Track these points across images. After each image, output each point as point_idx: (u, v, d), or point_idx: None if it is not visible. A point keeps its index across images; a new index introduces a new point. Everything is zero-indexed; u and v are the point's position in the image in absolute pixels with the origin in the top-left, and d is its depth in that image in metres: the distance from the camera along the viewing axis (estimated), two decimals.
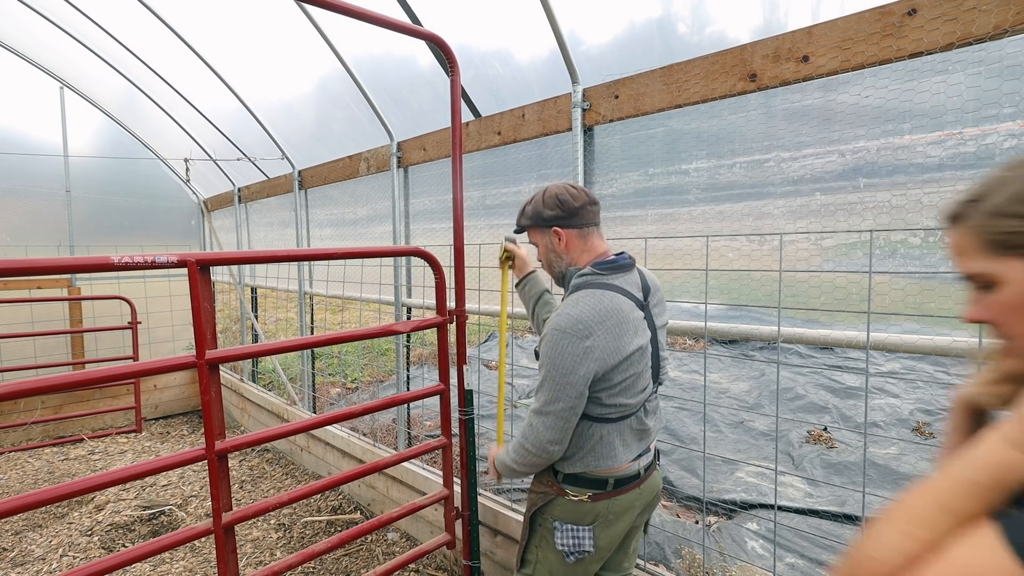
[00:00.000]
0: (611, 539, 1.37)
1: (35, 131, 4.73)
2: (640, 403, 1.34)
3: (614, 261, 1.35)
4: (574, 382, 1.22)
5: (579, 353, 1.20)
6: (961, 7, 1.27)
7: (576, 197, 1.37)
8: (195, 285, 1.49)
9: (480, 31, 2.36)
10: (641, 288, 1.37)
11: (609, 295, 1.27)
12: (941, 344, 1.35)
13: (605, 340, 1.22)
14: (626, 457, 1.34)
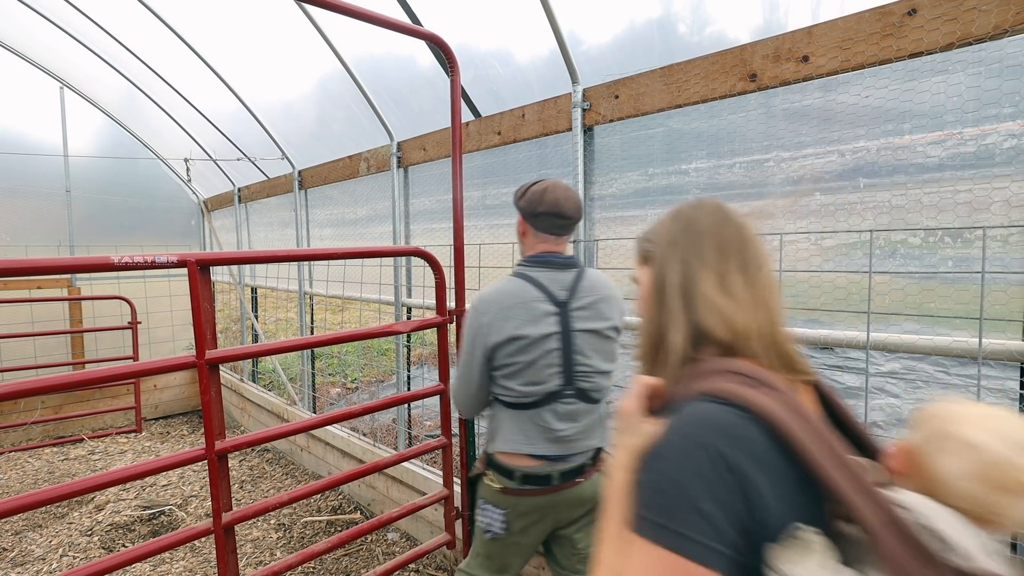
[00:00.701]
0: (528, 533, 1.46)
1: (35, 131, 4.73)
2: (539, 397, 1.38)
3: (543, 257, 1.43)
4: (471, 352, 1.40)
5: (475, 327, 1.39)
6: (961, 7, 1.27)
7: (543, 203, 1.41)
8: (195, 285, 1.49)
9: (480, 31, 2.36)
10: (567, 288, 1.40)
11: (518, 282, 1.39)
12: (941, 344, 1.35)
13: (493, 319, 1.36)
14: (528, 450, 1.40)
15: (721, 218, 0.71)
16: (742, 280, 0.67)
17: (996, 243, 1.30)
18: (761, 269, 0.68)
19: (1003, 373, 5.89)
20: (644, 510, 0.54)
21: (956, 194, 1.34)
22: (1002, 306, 1.30)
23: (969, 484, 0.55)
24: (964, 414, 0.59)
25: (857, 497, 0.52)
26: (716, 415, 0.56)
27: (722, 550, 0.50)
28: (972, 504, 0.56)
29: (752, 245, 0.70)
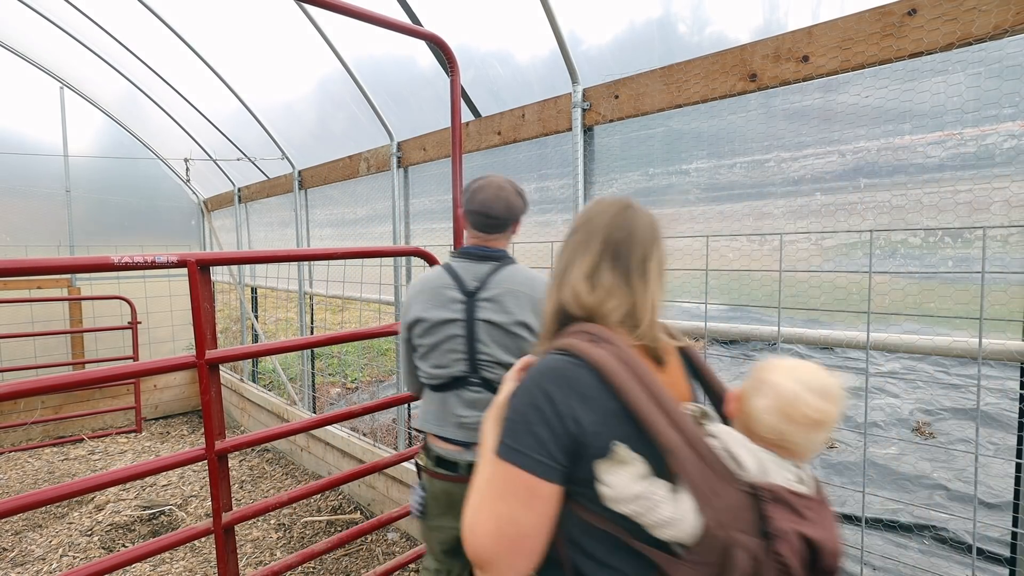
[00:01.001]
0: (442, 521, 1.49)
1: (35, 131, 4.73)
2: (446, 381, 1.46)
3: (466, 249, 1.52)
4: (401, 331, 1.56)
5: (404, 306, 1.55)
6: (961, 7, 1.27)
7: (473, 202, 1.47)
8: (195, 285, 1.49)
9: (480, 31, 2.36)
10: (480, 279, 1.44)
11: (438, 270, 1.50)
12: (941, 344, 1.35)
13: (410, 301, 1.51)
14: (438, 431, 1.48)
15: (616, 218, 0.83)
16: (612, 271, 0.79)
17: (996, 243, 1.30)
18: (643, 264, 0.80)
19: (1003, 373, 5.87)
20: (500, 436, 0.71)
21: (956, 194, 1.34)
22: (1002, 306, 1.30)
23: (770, 417, 0.69)
24: (777, 365, 0.74)
25: (661, 424, 0.66)
26: (554, 363, 0.72)
27: (550, 464, 0.68)
28: (773, 434, 0.69)
29: (639, 245, 0.80)
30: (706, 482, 0.64)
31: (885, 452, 3.83)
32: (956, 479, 3.35)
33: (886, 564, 2.56)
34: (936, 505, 3.12)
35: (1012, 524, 1.30)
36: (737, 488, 0.64)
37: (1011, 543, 1.30)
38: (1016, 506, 1.30)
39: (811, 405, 0.68)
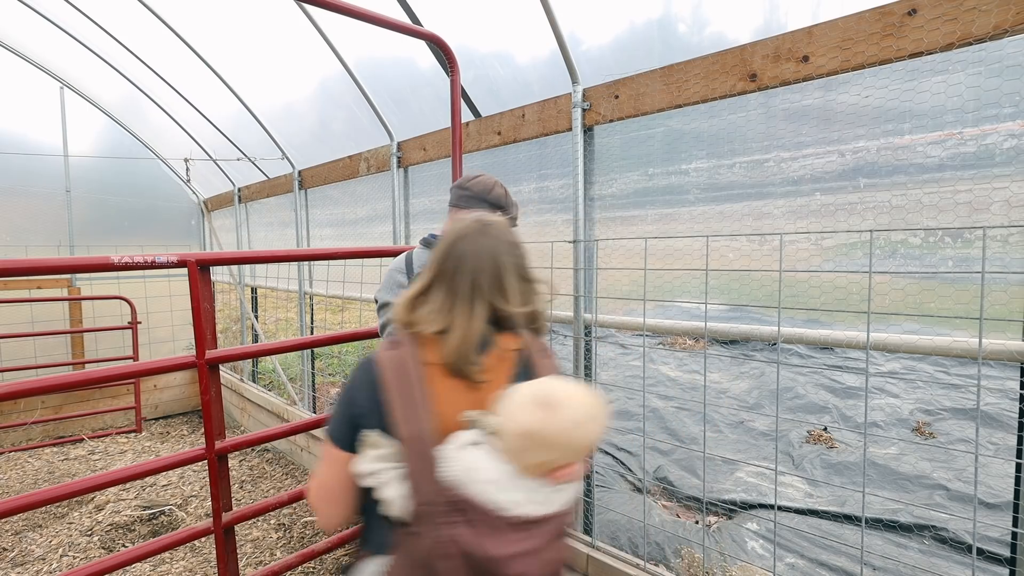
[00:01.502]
0: None
1: (36, 131, 4.73)
2: None
3: (425, 237, 1.52)
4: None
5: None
6: (961, 7, 1.27)
7: (460, 180, 1.52)
8: (195, 285, 1.49)
9: (480, 32, 2.36)
10: (422, 267, 1.45)
11: (402, 256, 1.54)
12: (941, 344, 1.35)
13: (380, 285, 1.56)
14: None
15: (452, 248, 0.90)
16: (442, 294, 0.88)
17: (996, 243, 1.30)
18: (472, 292, 0.87)
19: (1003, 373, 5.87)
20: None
21: (956, 194, 1.34)
22: (1002, 306, 1.30)
23: (502, 437, 0.76)
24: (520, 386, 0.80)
25: (401, 420, 0.79)
26: (362, 360, 0.89)
27: (340, 436, 0.86)
28: (507, 453, 0.76)
29: (467, 274, 0.87)
30: (416, 475, 0.76)
31: (885, 452, 3.83)
32: (956, 479, 3.35)
33: (886, 564, 2.56)
34: (936, 505, 3.12)
35: (1012, 524, 1.30)
36: (436, 488, 0.75)
37: (1011, 543, 1.30)
38: (1016, 506, 1.30)
39: (523, 414, 0.74)
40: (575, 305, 2.09)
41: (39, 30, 4.00)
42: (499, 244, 0.90)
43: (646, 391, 1.99)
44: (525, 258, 0.93)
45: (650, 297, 1.84)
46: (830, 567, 2.52)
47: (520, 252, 0.93)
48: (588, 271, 2.09)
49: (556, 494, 0.78)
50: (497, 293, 0.87)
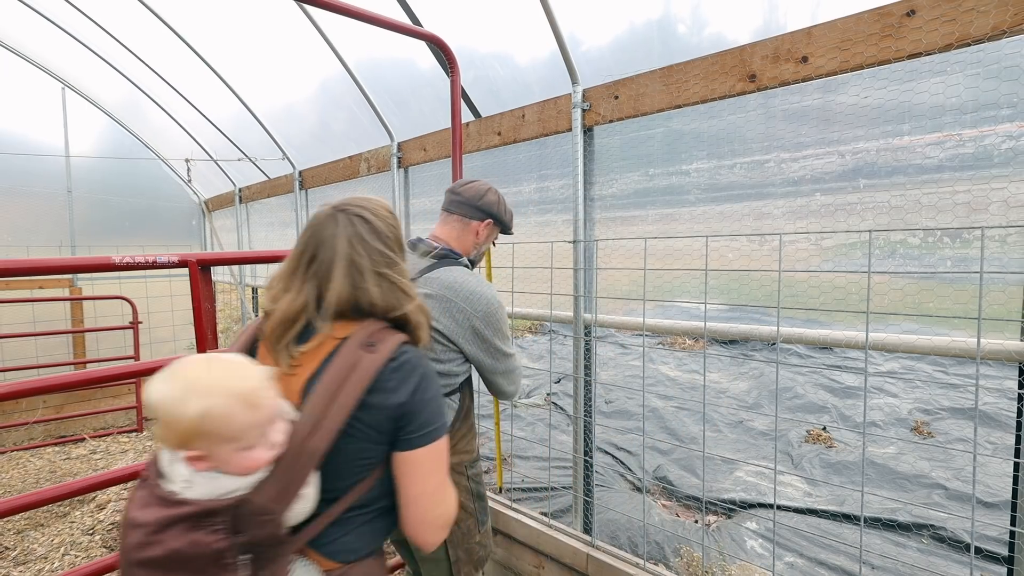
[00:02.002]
0: None
1: (37, 132, 4.73)
2: None
3: (413, 240, 1.49)
4: None
5: None
6: (959, 8, 1.27)
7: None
8: (196, 285, 1.50)
9: (480, 33, 2.37)
10: (412, 275, 1.45)
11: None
12: (940, 344, 1.36)
13: None
14: None
15: (311, 234, 0.89)
16: (286, 274, 0.89)
17: (994, 243, 1.30)
18: (305, 275, 0.87)
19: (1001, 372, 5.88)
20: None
21: (955, 195, 1.34)
22: (1000, 306, 1.31)
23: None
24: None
25: None
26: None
27: None
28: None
29: (313, 260, 0.87)
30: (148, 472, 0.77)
31: (884, 451, 3.83)
32: (954, 478, 3.35)
33: (885, 563, 2.57)
34: (934, 504, 3.12)
35: (1010, 523, 1.31)
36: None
37: (1009, 542, 1.31)
38: (1014, 505, 1.30)
39: (150, 387, 0.71)
40: (575, 305, 2.10)
41: (40, 31, 4.00)
42: (342, 232, 0.87)
43: (646, 391, 2.00)
44: (375, 250, 0.88)
45: (650, 297, 1.84)
46: (829, 566, 2.53)
47: (367, 244, 0.88)
48: (588, 271, 2.09)
49: (209, 481, 0.71)
50: (326, 279, 0.85)
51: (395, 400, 0.82)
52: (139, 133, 5.22)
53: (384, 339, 0.84)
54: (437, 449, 0.87)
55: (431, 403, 0.86)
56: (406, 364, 0.85)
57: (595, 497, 2.18)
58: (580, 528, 2.14)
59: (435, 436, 0.86)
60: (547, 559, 2.09)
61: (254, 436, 0.72)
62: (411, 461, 0.85)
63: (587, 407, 2.13)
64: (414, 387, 0.84)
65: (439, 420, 0.88)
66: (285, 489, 0.75)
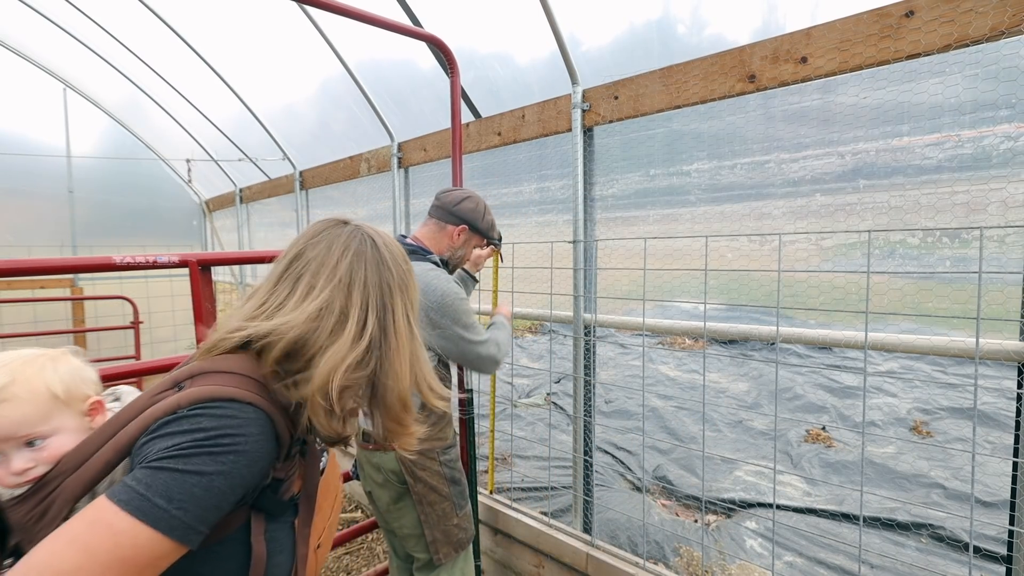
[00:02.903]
0: (363, 483, 1.59)
1: (38, 132, 4.74)
2: None
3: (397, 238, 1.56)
4: None
5: None
6: (958, 9, 1.28)
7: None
8: (196, 285, 1.50)
9: (480, 33, 2.37)
10: None
11: None
12: (939, 344, 1.36)
13: None
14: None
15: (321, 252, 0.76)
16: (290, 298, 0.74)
17: (993, 243, 1.31)
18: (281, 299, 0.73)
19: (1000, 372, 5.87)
20: None
21: (954, 195, 1.35)
22: (999, 306, 1.31)
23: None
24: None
25: None
26: None
27: None
28: None
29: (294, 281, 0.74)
30: None
31: (883, 451, 3.84)
32: (953, 478, 3.36)
33: (884, 562, 2.57)
34: (933, 504, 3.13)
35: (1009, 522, 1.31)
36: None
37: (1008, 541, 1.31)
38: (1013, 504, 1.31)
39: None
40: (575, 305, 2.10)
41: (41, 31, 4.01)
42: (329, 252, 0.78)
43: (645, 390, 2.01)
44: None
45: (650, 297, 1.85)
46: (828, 565, 2.53)
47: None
48: (588, 271, 2.10)
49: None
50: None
51: (145, 451, 0.59)
52: (140, 133, 5.22)
53: (198, 384, 0.64)
54: (103, 516, 0.54)
55: (169, 470, 0.56)
56: (182, 420, 0.60)
57: (595, 497, 2.18)
58: (580, 527, 2.14)
59: (121, 498, 0.54)
60: (547, 558, 2.10)
61: None
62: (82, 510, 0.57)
63: (587, 407, 2.14)
64: (169, 442, 0.58)
65: (148, 493, 0.55)
66: (41, 513, 0.61)
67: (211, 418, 0.60)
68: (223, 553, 0.64)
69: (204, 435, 0.59)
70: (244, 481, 0.61)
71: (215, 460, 0.58)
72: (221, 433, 0.60)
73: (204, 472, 0.57)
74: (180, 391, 0.63)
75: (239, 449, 0.60)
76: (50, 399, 0.68)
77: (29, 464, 0.66)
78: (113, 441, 0.62)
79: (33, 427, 0.67)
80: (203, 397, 0.62)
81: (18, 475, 0.65)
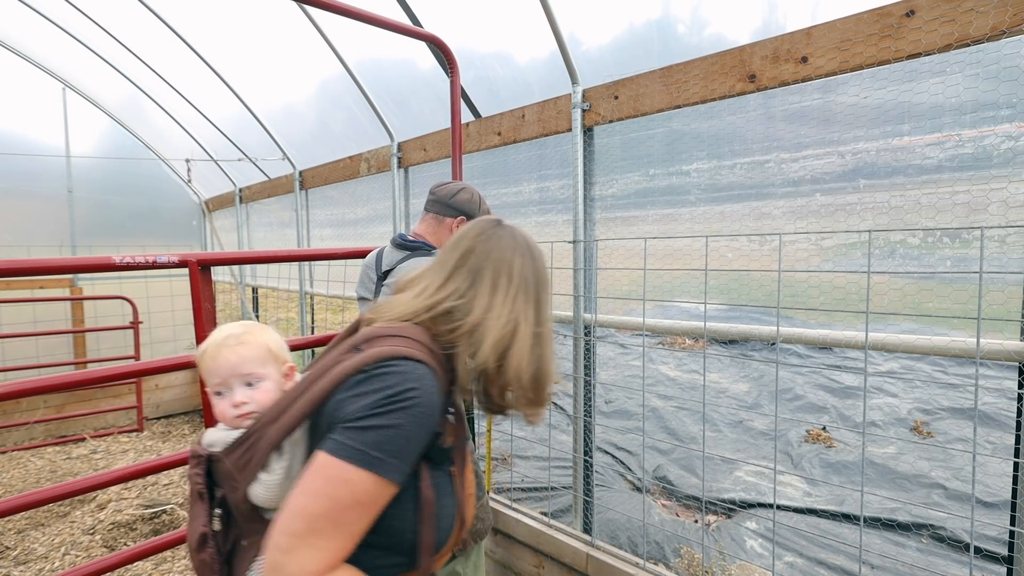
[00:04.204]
0: None
1: (38, 132, 4.74)
2: None
3: (394, 237, 1.60)
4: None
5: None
6: (959, 8, 1.27)
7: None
8: (196, 285, 1.50)
9: (480, 33, 2.37)
10: (392, 264, 1.54)
11: (375, 251, 1.64)
12: (939, 344, 1.36)
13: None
14: None
15: (492, 249, 0.86)
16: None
17: (994, 243, 1.30)
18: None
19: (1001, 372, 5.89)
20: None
21: (954, 195, 1.35)
22: (1000, 306, 1.31)
23: None
24: None
25: None
26: None
27: None
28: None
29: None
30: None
31: (883, 451, 3.83)
32: (954, 478, 3.35)
33: (884, 563, 2.57)
34: (934, 504, 3.13)
35: (1010, 523, 1.31)
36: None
37: (1009, 542, 1.31)
38: (1014, 505, 1.31)
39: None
40: (575, 305, 2.10)
41: (41, 31, 4.01)
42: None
43: (645, 390, 2.00)
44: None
45: (650, 297, 1.85)
46: (829, 566, 2.53)
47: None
48: (588, 271, 2.09)
49: (212, 432, 0.84)
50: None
51: (344, 410, 0.69)
52: (139, 133, 5.22)
53: (376, 345, 0.74)
54: (337, 470, 0.65)
55: (373, 423, 0.67)
56: (376, 378, 0.70)
57: (595, 497, 2.18)
58: (580, 528, 2.14)
59: (347, 454, 0.66)
60: (547, 559, 2.10)
61: (213, 383, 0.84)
62: (311, 463, 0.68)
63: (587, 407, 2.14)
64: (369, 403, 0.68)
65: (366, 446, 0.66)
66: (246, 462, 0.75)
67: (394, 375, 0.70)
68: (402, 497, 0.73)
69: (391, 392, 0.69)
70: (428, 429, 0.72)
71: (405, 414, 0.69)
72: (404, 388, 0.69)
73: (400, 425, 0.69)
74: (364, 351, 0.74)
75: (421, 401, 0.70)
76: (267, 351, 0.87)
77: (246, 399, 0.83)
78: (307, 396, 0.73)
79: (253, 367, 0.85)
80: (383, 356, 0.72)
81: (236, 408, 0.82)
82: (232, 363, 0.83)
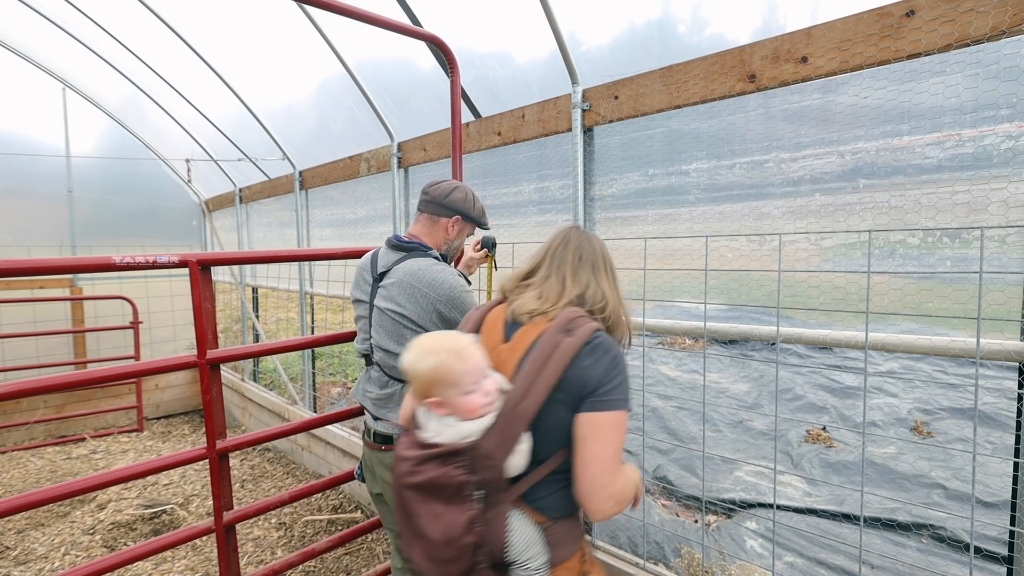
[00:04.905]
0: (370, 486, 1.61)
1: (38, 132, 4.74)
2: (361, 355, 1.59)
3: (389, 238, 1.61)
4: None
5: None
6: (959, 8, 1.27)
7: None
8: (196, 285, 1.50)
9: (480, 33, 2.37)
10: (388, 266, 1.53)
11: (370, 253, 1.65)
12: (939, 344, 1.36)
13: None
14: (358, 398, 1.61)
15: (587, 248, 1.13)
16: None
17: (994, 243, 1.30)
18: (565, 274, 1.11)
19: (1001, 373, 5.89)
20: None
21: (954, 195, 1.35)
22: (1000, 306, 1.31)
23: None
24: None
25: None
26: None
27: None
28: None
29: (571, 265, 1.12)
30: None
31: (883, 451, 3.83)
32: (954, 478, 3.35)
33: (884, 563, 2.57)
34: (934, 504, 3.13)
35: (1010, 523, 1.31)
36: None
37: (1009, 542, 1.31)
38: (1014, 505, 1.31)
39: (411, 360, 0.96)
40: None
41: (41, 31, 4.01)
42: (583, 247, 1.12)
43: (645, 391, 2.00)
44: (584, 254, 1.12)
45: (650, 297, 1.85)
46: (829, 566, 2.53)
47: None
48: None
49: (450, 429, 0.93)
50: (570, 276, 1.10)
51: (588, 375, 0.93)
52: (139, 133, 5.22)
53: (580, 325, 0.98)
54: (617, 419, 0.93)
55: (619, 378, 0.95)
56: (600, 346, 0.96)
57: None
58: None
59: (618, 406, 0.93)
60: None
61: (468, 382, 0.93)
62: (591, 423, 0.92)
63: None
64: (607, 365, 0.94)
65: (624, 395, 0.95)
66: (503, 441, 0.91)
67: (606, 342, 0.98)
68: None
69: (616, 351, 0.98)
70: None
71: (625, 364, 0.99)
72: (616, 349, 0.99)
73: (627, 372, 0.99)
74: (574, 331, 0.96)
75: (622, 353, 1.01)
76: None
77: (487, 398, 0.94)
78: (547, 372, 0.93)
79: (487, 366, 0.98)
80: (593, 330, 0.98)
81: (487, 395, 0.94)
82: (480, 361, 0.96)
